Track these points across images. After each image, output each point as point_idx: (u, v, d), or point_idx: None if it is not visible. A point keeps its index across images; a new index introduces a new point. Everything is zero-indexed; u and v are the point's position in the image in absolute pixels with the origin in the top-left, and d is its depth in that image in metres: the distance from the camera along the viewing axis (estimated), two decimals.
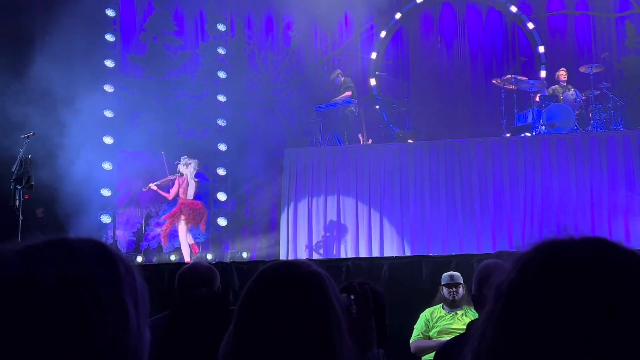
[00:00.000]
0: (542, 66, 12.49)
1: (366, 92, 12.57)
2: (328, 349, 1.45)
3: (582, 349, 0.79)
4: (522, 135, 10.59)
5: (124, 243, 11.57)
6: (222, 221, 11.72)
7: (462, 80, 12.92)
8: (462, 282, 5.77)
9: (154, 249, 11.69)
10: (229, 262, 8.43)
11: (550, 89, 11.04)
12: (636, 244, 8.50)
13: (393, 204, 10.45)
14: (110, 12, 12.26)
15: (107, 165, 11.45)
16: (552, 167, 10.04)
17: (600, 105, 10.57)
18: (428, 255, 8.20)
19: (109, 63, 12.00)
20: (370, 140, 11.36)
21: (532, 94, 11.01)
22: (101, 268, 0.95)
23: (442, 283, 5.86)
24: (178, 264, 8.02)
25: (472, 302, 3.36)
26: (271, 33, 13.29)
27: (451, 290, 5.76)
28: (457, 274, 5.86)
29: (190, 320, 2.41)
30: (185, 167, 10.32)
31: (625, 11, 12.46)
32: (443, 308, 5.83)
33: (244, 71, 12.91)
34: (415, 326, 5.86)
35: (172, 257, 11.25)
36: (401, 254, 9.81)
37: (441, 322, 5.76)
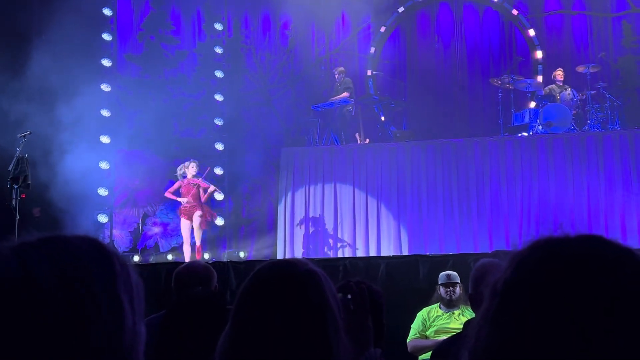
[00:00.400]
0: (539, 66, 12.49)
1: (363, 91, 12.57)
2: (324, 347, 1.45)
3: (578, 346, 0.79)
4: (519, 134, 10.60)
5: (121, 242, 11.56)
6: (219, 221, 11.70)
7: (459, 80, 12.92)
8: (459, 282, 5.78)
9: (150, 248, 11.68)
10: (226, 261, 8.42)
11: (547, 88, 11.05)
12: (633, 243, 8.50)
13: (390, 204, 10.46)
14: (107, 11, 12.24)
15: (104, 165, 11.43)
16: (549, 166, 10.05)
17: (597, 105, 10.58)
18: (425, 254, 8.19)
19: (106, 62, 11.98)
20: (368, 140, 11.35)
21: (529, 94, 11.02)
22: (97, 265, 0.95)
23: (439, 282, 5.86)
24: (175, 264, 8.00)
25: (469, 302, 3.35)
26: (268, 32, 13.28)
27: (448, 289, 5.76)
28: (454, 273, 5.87)
29: (187, 319, 2.40)
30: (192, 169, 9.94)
31: (622, 11, 12.47)
32: (440, 307, 5.83)
33: (241, 70, 12.90)
34: (412, 325, 5.86)
35: (169, 257, 11.25)
36: (398, 254, 9.81)
37: (438, 321, 5.76)
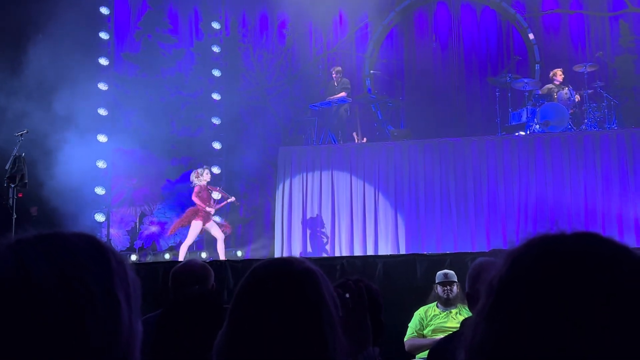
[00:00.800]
0: (537, 65, 12.50)
1: (361, 90, 12.56)
2: (321, 345, 1.45)
3: (574, 343, 0.79)
4: (517, 134, 10.60)
5: (118, 241, 11.55)
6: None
7: (456, 79, 12.93)
8: (457, 281, 5.78)
9: (148, 247, 11.67)
10: (223, 260, 8.41)
11: (544, 87, 11.05)
12: (629, 242, 8.51)
13: (387, 203, 10.46)
14: (104, 10, 12.23)
15: (101, 164, 11.43)
16: (546, 165, 10.06)
17: (594, 104, 10.59)
18: (422, 253, 8.20)
19: (103, 61, 11.97)
20: (365, 139, 11.35)
21: (526, 93, 11.02)
22: (94, 262, 0.95)
23: (437, 281, 5.86)
24: (172, 263, 8.00)
25: (466, 301, 3.35)
26: (266, 31, 13.27)
27: (445, 288, 5.76)
28: (452, 272, 5.87)
29: (184, 318, 2.40)
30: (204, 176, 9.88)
31: (619, 10, 12.48)
32: (437, 306, 5.83)
33: (238, 69, 12.89)
34: (409, 324, 5.87)
35: (167, 256, 11.24)
36: (395, 253, 9.81)
37: (435, 320, 5.76)
